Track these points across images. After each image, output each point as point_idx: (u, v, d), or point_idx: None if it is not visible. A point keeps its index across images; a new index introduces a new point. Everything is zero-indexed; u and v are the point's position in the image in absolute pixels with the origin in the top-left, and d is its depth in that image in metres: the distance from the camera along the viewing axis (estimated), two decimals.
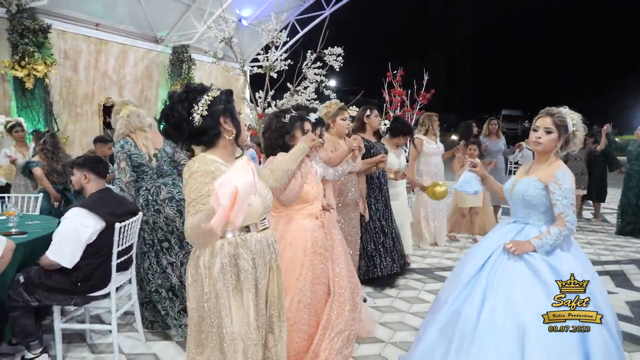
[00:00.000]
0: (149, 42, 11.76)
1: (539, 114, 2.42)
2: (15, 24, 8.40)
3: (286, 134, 2.68)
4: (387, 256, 4.31)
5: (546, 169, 2.37)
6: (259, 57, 11.37)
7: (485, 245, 2.46)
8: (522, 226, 2.43)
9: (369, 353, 3.04)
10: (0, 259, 2.29)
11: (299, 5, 14.10)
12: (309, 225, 2.69)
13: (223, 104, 1.76)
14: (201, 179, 1.67)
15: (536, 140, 2.38)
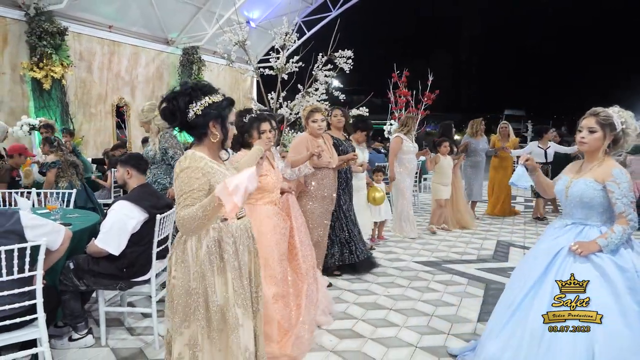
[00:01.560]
0: (160, 43, 12.04)
1: (585, 115, 2.44)
2: (34, 27, 8.67)
3: (245, 133, 3.02)
4: (360, 242, 4.73)
5: (600, 168, 2.38)
6: (268, 57, 11.63)
7: (544, 248, 2.45)
8: (581, 227, 2.42)
9: (387, 335, 3.30)
10: (60, 247, 2.55)
11: (306, 7, 14.34)
12: (270, 211, 3.08)
13: (218, 110, 1.92)
14: (192, 174, 1.85)
15: (581, 141, 2.42)
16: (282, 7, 13.33)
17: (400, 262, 5.12)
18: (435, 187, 6.72)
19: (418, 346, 3.14)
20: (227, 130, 1.99)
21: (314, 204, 4.14)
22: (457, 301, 3.97)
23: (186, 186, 1.84)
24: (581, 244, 2.29)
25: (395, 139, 6.29)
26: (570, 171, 2.57)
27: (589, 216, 2.41)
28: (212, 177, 1.89)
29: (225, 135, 1.99)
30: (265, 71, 7.42)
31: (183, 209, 1.81)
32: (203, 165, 1.88)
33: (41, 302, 2.40)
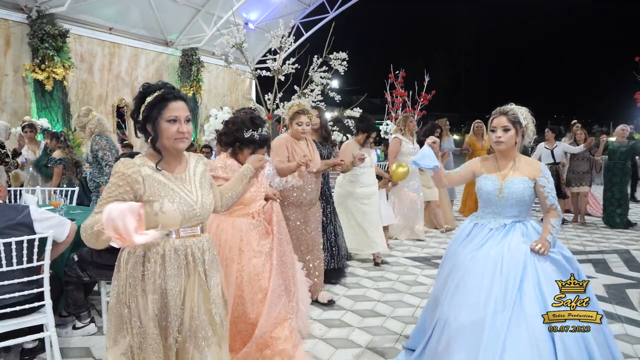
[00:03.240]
0: (160, 45, 12.22)
1: (493, 115, 2.53)
2: (36, 29, 8.86)
3: (236, 142, 2.71)
4: (328, 250, 4.33)
5: (527, 165, 2.49)
6: (266, 59, 11.83)
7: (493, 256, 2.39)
8: (513, 225, 2.48)
9: (373, 324, 3.48)
10: (66, 239, 2.74)
11: (303, 9, 14.53)
12: (244, 224, 2.73)
13: (147, 111, 1.76)
14: (115, 180, 1.70)
15: (497, 140, 2.46)
16: (280, 9, 13.51)
17: (391, 258, 5.31)
18: (423, 190, 6.49)
19: (402, 334, 3.32)
20: (157, 130, 1.76)
21: (289, 211, 3.77)
22: None
23: (108, 192, 1.70)
24: (542, 242, 2.34)
25: (394, 140, 6.12)
26: (488, 170, 2.57)
27: (520, 213, 2.49)
28: (143, 188, 1.71)
29: (156, 136, 1.76)
30: (263, 73, 7.59)
31: (92, 215, 1.67)
32: (131, 172, 1.70)
33: (48, 290, 2.59)
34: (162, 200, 1.73)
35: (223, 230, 2.70)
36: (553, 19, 56.07)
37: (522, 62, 64.09)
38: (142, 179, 1.72)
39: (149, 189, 1.72)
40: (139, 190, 1.71)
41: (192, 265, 1.82)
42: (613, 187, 7.16)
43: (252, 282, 2.69)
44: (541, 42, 61.83)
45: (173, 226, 1.78)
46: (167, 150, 1.80)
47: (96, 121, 4.53)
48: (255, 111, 2.89)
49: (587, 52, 57.15)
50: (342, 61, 7.37)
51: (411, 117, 6.23)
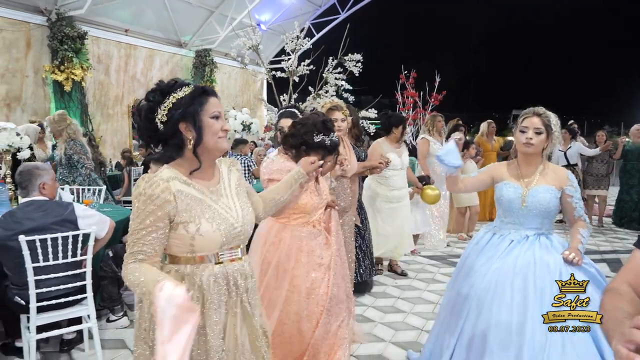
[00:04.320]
0: (174, 46, 12.39)
1: (525, 114, 2.33)
2: (56, 32, 9.05)
3: (303, 146, 2.43)
4: (366, 259, 4.13)
5: (553, 173, 2.31)
6: (278, 59, 11.97)
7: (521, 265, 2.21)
8: (537, 237, 2.30)
9: (394, 319, 3.59)
10: (105, 235, 2.87)
11: (314, 10, 14.65)
12: (305, 233, 2.51)
13: (183, 107, 1.47)
14: (142, 205, 1.42)
15: (527, 142, 2.27)
16: (292, 10, 13.65)
17: (408, 257, 5.41)
18: (458, 195, 6.16)
19: (424, 330, 3.43)
20: (201, 127, 1.49)
21: None
22: None
23: (136, 222, 1.43)
24: (575, 251, 2.17)
25: (422, 142, 5.75)
26: (510, 176, 2.38)
27: (543, 224, 2.31)
28: (175, 208, 1.45)
29: (199, 134, 1.49)
30: (277, 74, 7.71)
31: (130, 259, 1.42)
32: (160, 192, 1.43)
33: (90, 283, 2.73)
34: (199, 221, 1.47)
35: (282, 239, 2.50)
36: (563, 18, 55.79)
37: (531, 62, 63.84)
38: (174, 197, 1.45)
39: (182, 207, 1.46)
40: (171, 212, 1.44)
41: (235, 295, 1.56)
42: (631, 189, 7.12)
43: (309, 297, 2.46)
44: (551, 42, 61.51)
45: (211, 250, 1.52)
46: (208, 154, 1.54)
47: (74, 127, 4.90)
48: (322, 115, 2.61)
49: (597, 52, 56.82)
50: (356, 62, 7.49)
51: (439, 117, 5.92)
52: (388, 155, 4.27)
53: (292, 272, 2.45)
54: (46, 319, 2.63)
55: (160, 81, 1.56)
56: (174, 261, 1.52)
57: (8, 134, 3.50)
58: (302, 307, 2.44)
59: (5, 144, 3.49)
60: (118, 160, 9.23)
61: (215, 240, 1.50)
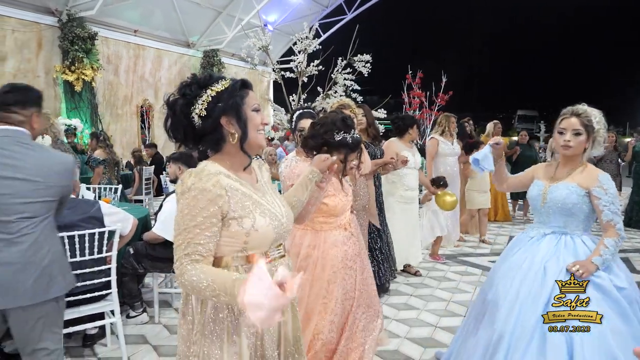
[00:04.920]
0: (182, 46, 12.49)
1: (563, 115, 2.24)
2: (66, 32, 9.17)
3: (325, 146, 2.35)
4: (385, 262, 4.07)
5: (583, 173, 2.20)
6: (284, 59, 12.06)
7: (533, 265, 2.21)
8: (560, 236, 2.24)
9: (408, 316, 3.65)
10: (129, 232, 2.94)
11: (321, 10, 14.72)
12: (339, 238, 2.45)
13: (224, 101, 1.39)
14: (195, 200, 1.33)
15: (565, 144, 2.18)
16: (298, 11, 13.73)
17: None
18: (472, 196, 6.07)
19: (438, 326, 3.49)
20: (246, 122, 1.43)
21: None
22: (472, 289, 4.31)
23: (186, 220, 1.34)
24: (581, 264, 2.09)
25: (431, 141, 5.57)
26: (543, 176, 2.35)
27: (568, 224, 2.24)
28: (228, 203, 1.37)
29: (245, 130, 1.42)
30: (286, 74, 7.77)
31: (184, 261, 1.33)
32: (211, 186, 1.35)
33: (115, 279, 2.79)
34: (254, 215, 1.41)
35: (316, 247, 2.40)
36: (567, 18, 55.69)
37: (536, 62, 63.74)
38: (225, 191, 1.37)
39: (235, 202, 1.38)
40: (224, 207, 1.36)
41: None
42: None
43: (344, 303, 2.42)
44: (555, 42, 61.41)
45: (263, 247, 1.46)
46: (250, 150, 1.47)
47: (57, 127, 4.90)
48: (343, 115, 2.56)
49: (601, 51, 56.67)
50: (365, 63, 7.56)
51: (453, 117, 5.74)
52: (403, 153, 4.22)
53: (328, 279, 2.39)
54: (71, 314, 2.70)
55: (193, 74, 1.47)
56: (224, 264, 1.42)
57: None
58: (337, 314, 2.40)
59: None
60: (128, 160, 9.32)
61: (268, 235, 1.44)
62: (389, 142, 4.57)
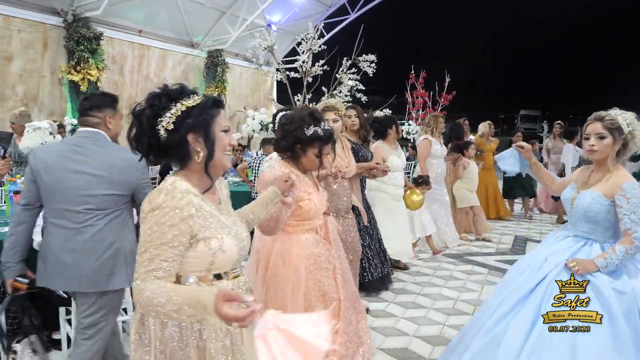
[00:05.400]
0: (186, 46, 12.51)
1: (588, 121, 2.29)
2: (72, 32, 9.18)
3: (298, 144, 2.35)
4: (375, 258, 4.15)
5: (610, 180, 2.22)
6: (288, 59, 12.06)
7: (539, 258, 2.32)
8: (584, 242, 2.28)
9: (417, 315, 3.67)
10: None
11: (324, 10, 14.73)
12: (310, 240, 2.42)
13: (194, 117, 1.37)
14: (164, 218, 1.30)
15: (590, 149, 2.24)
16: (302, 11, 13.75)
17: (424, 254, 5.48)
18: (463, 194, 6.21)
19: (446, 324, 3.51)
20: (213, 141, 1.40)
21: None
22: (479, 288, 4.33)
23: (154, 237, 1.30)
24: (579, 262, 2.15)
25: (424, 142, 5.63)
26: (578, 180, 2.40)
27: (592, 231, 2.27)
28: (198, 223, 1.35)
29: (211, 151, 1.40)
30: (291, 74, 7.78)
31: (146, 277, 1.28)
32: (184, 204, 1.33)
33: None
34: (221, 236, 1.40)
35: (288, 250, 2.38)
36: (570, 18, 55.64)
37: (539, 62, 63.66)
38: (196, 211, 1.36)
39: (203, 222, 1.37)
40: (194, 227, 1.34)
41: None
42: None
43: (320, 304, 2.38)
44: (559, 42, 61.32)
45: (226, 267, 1.46)
46: (214, 171, 1.45)
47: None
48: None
49: (605, 52, 56.60)
50: (370, 63, 7.57)
51: (441, 118, 5.90)
52: (390, 159, 4.45)
53: (303, 282, 2.35)
54: None
55: (164, 85, 1.43)
56: (181, 282, 1.39)
57: (42, 133, 3.61)
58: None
59: (39, 143, 3.60)
60: None
61: (233, 256, 1.44)
62: (377, 147, 4.64)
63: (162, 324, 1.38)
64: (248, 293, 1.53)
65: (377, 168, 3.80)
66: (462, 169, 6.18)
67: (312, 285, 2.36)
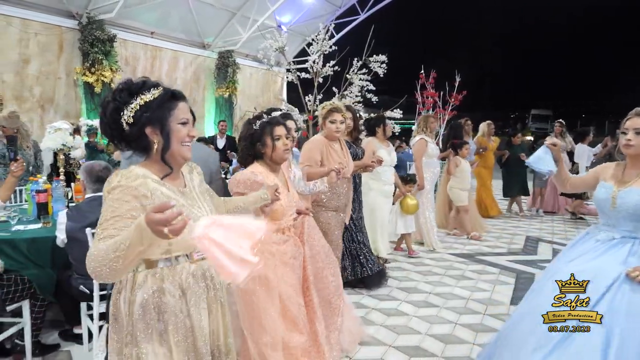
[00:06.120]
0: (197, 47, 12.62)
1: (628, 116, 2.26)
2: (86, 35, 9.32)
3: (257, 142, 2.47)
4: (370, 254, 4.32)
5: None
6: (298, 60, 12.12)
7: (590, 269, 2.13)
8: (631, 242, 2.17)
9: (429, 313, 3.71)
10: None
11: (334, 10, 14.78)
12: (275, 239, 2.49)
13: (151, 111, 1.46)
14: (118, 195, 1.39)
15: (627, 143, 2.21)
16: (312, 11, 13.82)
17: (436, 254, 5.52)
18: (457, 193, 6.32)
19: (458, 323, 3.55)
20: (168, 134, 1.49)
21: (328, 215, 3.73)
22: (490, 287, 4.36)
23: (109, 211, 1.38)
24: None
25: (420, 142, 5.69)
26: (611, 177, 2.32)
27: (638, 228, 2.18)
28: (151, 206, 1.38)
29: (167, 141, 1.49)
30: (302, 74, 7.84)
31: (98, 242, 1.33)
32: (138, 185, 1.43)
33: None
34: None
35: None
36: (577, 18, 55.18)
37: (547, 61, 63.16)
38: (150, 194, 1.44)
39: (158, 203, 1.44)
40: (147, 208, 1.40)
41: (213, 292, 1.59)
42: None
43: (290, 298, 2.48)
44: (564, 41, 60.81)
45: (187, 250, 1.53)
46: (174, 160, 1.54)
47: (26, 125, 4.68)
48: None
49: (612, 50, 56.04)
50: (381, 63, 7.62)
51: (432, 118, 5.99)
52: (379, 152, 4.60)
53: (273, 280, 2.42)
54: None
55: (128, 79, 1.55)
56: (150, 266, 1.49)
57: (63, 133, 3.71)
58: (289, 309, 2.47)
59: (60, 144, 3.70)
60: None
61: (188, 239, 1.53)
62: (368, 142, 4.83)
63: (130, 302, 1.46)
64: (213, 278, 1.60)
65: (372, 165, 4.04)
66: (454, 166, 6.26)
67: (281, 280, 2.46)
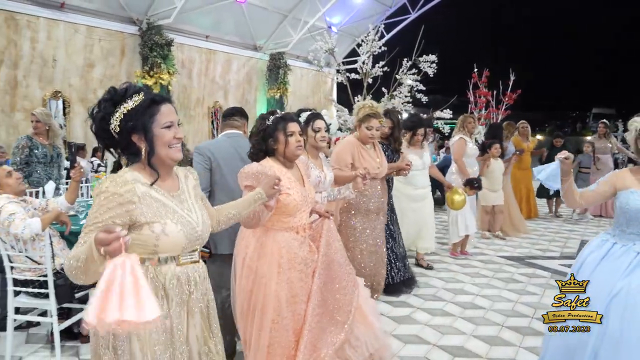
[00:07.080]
0: (250, 50, 12.97)
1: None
2: (146, 40, 9.83)
3: (269, 138, 2.41)
4: (399, 261, 4.17)
5: None
6: (348, 60, 12.20)
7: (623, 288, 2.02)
8: None
9: (475, 315, 3.68)
10: None
11: (384, 10, 14.73)
12: (286, 239, 2.38)
13: (134, 119, 1.48)
14: (105, 201, 1.42)
15: None
16: (362, 11, 13.84)
17: (484, 256, 5.43)
18: (483, 193, 6.07)
19: (505, 325, 3.50)
20: (152, 139, 1.51)
21: (356, 220, 3.65)
22: (540, 291, 4.25)
23: (92, 217, 1.42)
24: None
25: (459, 142, 5.58)
26: (636, 183, 2.18)
27: None
28: (139, 210, 1.46)
29: (151, 146, 1.51)
30: (352, 75, 7.88)
31: (76, 245, 1.38)
32: (125, 191, 1.44)
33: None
34: (165, 221, 1.51)
35: (263, 244, 2.38)
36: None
37: (607, 60, 59.86)
38: (138, 199, 1.47)
39: (147, 208, 1.49)
40: (134, 212, 1.45)
41: (194, 296, 1.63)
42: None
43: (289, 305, 2.36)
44: (629, 38, 57.36)
45: (173, 252, 1.56)
46: (162, 164, 1.57)
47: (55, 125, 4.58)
48: None
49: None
50: (431, 63, 7.55)
51: (470, 118, 5.87)
52: (409, 157, 4.49)
53: (274, 279, 2.34)
54: None
55: (111, 89, 1.54)
56: None
57: None
58: (283, 315, 2.33)
59: None
60: None
61: (179, 241, 1.53)
62: None
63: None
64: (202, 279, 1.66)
65: (407, 168, 3.94)
66: (485, 167, 6.10)
67: (283, 283, 2.34)
